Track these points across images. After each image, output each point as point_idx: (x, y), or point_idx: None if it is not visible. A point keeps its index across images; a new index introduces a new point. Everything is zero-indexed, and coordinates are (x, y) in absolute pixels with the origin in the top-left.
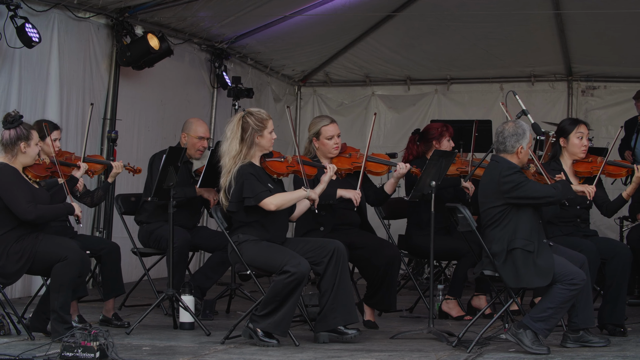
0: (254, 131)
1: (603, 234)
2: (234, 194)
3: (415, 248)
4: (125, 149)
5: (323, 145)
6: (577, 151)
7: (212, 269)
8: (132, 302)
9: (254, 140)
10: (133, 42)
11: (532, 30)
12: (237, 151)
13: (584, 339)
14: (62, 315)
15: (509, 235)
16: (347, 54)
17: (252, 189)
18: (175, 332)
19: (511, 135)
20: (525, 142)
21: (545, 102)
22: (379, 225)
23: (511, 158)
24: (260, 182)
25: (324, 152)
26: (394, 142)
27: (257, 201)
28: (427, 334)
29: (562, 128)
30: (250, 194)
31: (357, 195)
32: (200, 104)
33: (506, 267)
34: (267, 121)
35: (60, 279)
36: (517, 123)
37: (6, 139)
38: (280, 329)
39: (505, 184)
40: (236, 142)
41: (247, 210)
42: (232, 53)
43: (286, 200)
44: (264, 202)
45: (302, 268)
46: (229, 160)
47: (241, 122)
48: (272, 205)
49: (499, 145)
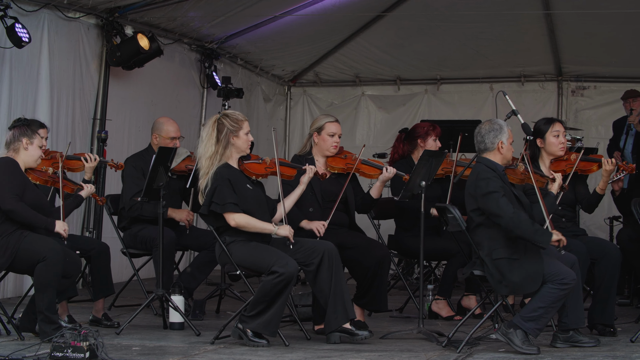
0: (229, 132)
1: (593, 234)
2: (207, 196)
3: (404, 248)
4: (115, 149)
5: (323, 140)
6: (555, 149)
7: (198, 268)
8: (122, 302)
9: (229, 141)
10: (123, 42)
11: (522, 30)
12: (213, 152)
13: (574, 339)
14: (48, 316)
15: (491, 243)
16: (337, 54)
17: (222, 196)
18: (165, 332)
19: (488, 132)
20: (505, 137)
21: (535, 102)
22: (368, 226)
23: (494, 156)
24: (233, 192)
25: (322, 149)
26: (384, 142)
27: (222, 210)
28: (417, 334)
29: (537, 128)
30: (218, 201)
31: (320, 226)
32: (191, 104)
33: (494, 276)
34: (242, 122)
35: (41, 280)
36: (492, 120)
37: (9, 137)
38: (269, 329)
39: (478, 188)
40: (211, 143)
41: (215, 214)
42: (222, 53)
43: (251, 226)
44: (228, 214)
45: (290, 268)
46: (206, 162)
47: (216, 124)
48: (233, 221)
49: (479, 145)
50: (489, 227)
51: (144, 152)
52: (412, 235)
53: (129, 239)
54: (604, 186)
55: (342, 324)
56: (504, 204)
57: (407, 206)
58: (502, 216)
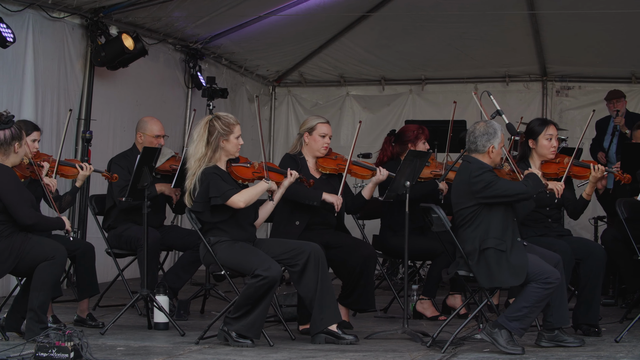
0: (219, 135)
1: (577, 234)
2: (199, 195)
3: (389, 248)
4: (100, 149)
5: (314, 141)
6: (546, 152)
7: (183, 268)
8: (107, 302)
9: (219, 144)
10: (108, 42)
11: (507, 30)
12: (203, 154)
13: (559, 338)
14: (39, 315)
15: (481, 235)
16: (322, 54)
17: (218, 188)
18: (150, 332)
19: (482, 134)
20: (497, 142)
21: (519, 102)
22: (353, 226)
23: (483, 158)
24: (225, 182)
25: (313, 149)
26: (368, 142)
27: (224, 199)
28: (401, 334)
29: (530, 129)
30: (216, 193)
31: (339, 200)
32: (175, 104)
33: (479, 267)
34: (234, 126)
35: (44, 278)
36: (488, 123)
37: (1, 139)
38: (253, 331)
39: (476, 184)
40: (202, 145)
41: (212, 210)
42: (206, 53)
43: (252, 194)
44: (232, 199)
45: (273, 272)
46: (194, 163)
47: (208, 125)
48: (240, 202)
49: (470, 145)
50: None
51: (129, 151)
52: (398, 234)
53: (114, 239)
54: (591, 192)
55: (327, 326)
56: (509, 183)
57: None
58: (516, 193)
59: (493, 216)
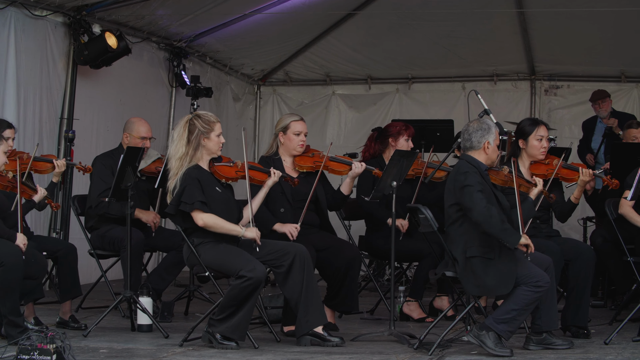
0: (200, 133)
1: (566, 235)
2: (175, 196)
3: (375, 249)
4: (83, 149)
5: (289, 140)
6: (536, 153)
7: (166, 269)
8: (89, 304)
9: (200, 143)
10: (90, 40)
11: (495, 28)
12: (183, 153)
13: (547, 341)
14: (13, 320)
15: (466, 240)
16: (307, 53)
17: (191, 195)
18: (133, 334)
19: (476, 130)
20: (492, 138)
21: (508, 101)
22: (339, 226)
23: (479, 155)
24: (202, 192)
25: (289, 148)
26: (355, 141)
27: (190, 209)
28: (388, 337)
29: (521, 129)
30: (187, 200)
31: (293, 229)
32: (159, 104)
33: (466, 275)
34: (214, 124)
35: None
36: (481, 120)
37: None
38: (237, 333)
39: (456, 182)
40: (182, 144)
41: (183, 214)
42: (190, 52)
43: (219, 227)
44: (195, 213)
45: (258, 273)
46: (176, 162)
47: (188, 124)
48: (201, 221)
49: (465, 143)
50: (466, 224)
51: (115, 151)
52: (384, 235)
53: (97, 240)
54: (579, 195)
55: (313, 328)
56: (478, 198)
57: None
58: (473, 209)
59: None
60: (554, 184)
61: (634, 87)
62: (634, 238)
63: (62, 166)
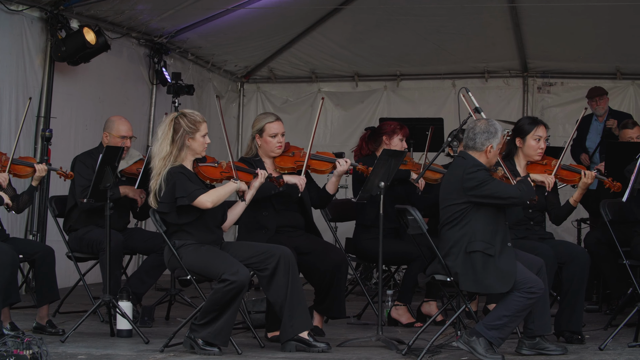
0: (185, 133)
1: (560, 237)
2: (165, 196)
3: (363, 252)
4: (61, 148)
5: (266, 143)
6: (532, 153)
7: (147, 273)
8: (67, 308)
9: (184, 143)
10: (68, 36)
11: (486, 24)
12: (167, 153)
13: (540, 346)
14: None
15: (468, 237)
16: (292, 49)
17: (184, 188)
18: (112, 339)
19: (482, 132)
20: (496, 142)
21: (499, 99)
22: (325, 228)
23: (479, 156)
24: (192, 182)
25: (267, 151)
26: (341, 140)
27: (191, 200)
28: (375, 342)
29: (519, 127)
30: (183, 194)
31: (302, 180)
32: (140, 101)
33: (464, 269)
34: (200, 124)
35: None
36: (490, 121)
37: None
38: (220, 338)
39: (469, 181)
40: (166, 144)
41: (179, 211)
42: (172, 48)
43: (220, 194)
44: (199, 199)
45: (241, 276)
46: (159, 162)
47: (173, 123)
48: (208, 202)
49: (468, 142)
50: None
51: (95, 150)
52: (372, 237)
53: (75, 242)
54: (579, 198)
55: (298, 333)
56: (503, 185)
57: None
58: (509, 196)
59: (481, 217)
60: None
61: (630, 85)
62: (629, 240)
63: (43, 171)
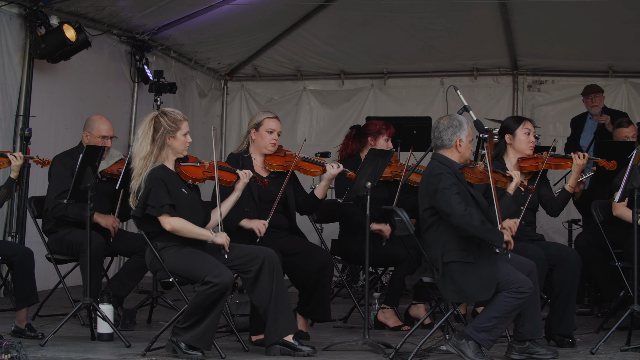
0: (165, 132)
1: (551, 239)
2: (140, 199)
3: (349, 253)
4: (40, 147)
5: (261, 137)
6: (524, 147)
7: (128, 275)
8: (47, 311)
9: (165, 142)
10: (48, 33)
11: (475, 20)
12: (148, 152)
13: (530, 350)
14: None
15: (443, 244)
16: (277, 46)
17: (158, 198)
18: (93, 343)
19: (446, 128)
20: (464, 135)
21: (488, 97)
22: (310, 229)
23: (451, 154)
24: (168, 193)
25: (260, 146)
26: (327, 140)
27: (158, 213)
28: (362, 345)
29: (506, 125)
30: (154, 203)
31: (261, 226)
32: (121, 100)
33: (444, 281)
34: (181, 122)
35: None
36: (452, 116)
37: None
38: (203, 342)
39: (430, 185)
40: (147, 143)
41: (149, 217)
42: (154, 45)
43: (187, 231)
44: (163, 217)
45: (225, 279)
46: (139, 162)
47: (153, 121)
48: (168, 225)
49: (436, 141)
50: (442, 228)
51: (74, 150)
52: (358, 239)
53: (55, 244)
54: (574, 183)
55: (283, 336)
56: (455, 201)
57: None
58: (452, 214)
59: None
60: (541, 180)
61: (622, 83)
62: (621, 241)
63: (20, 159)
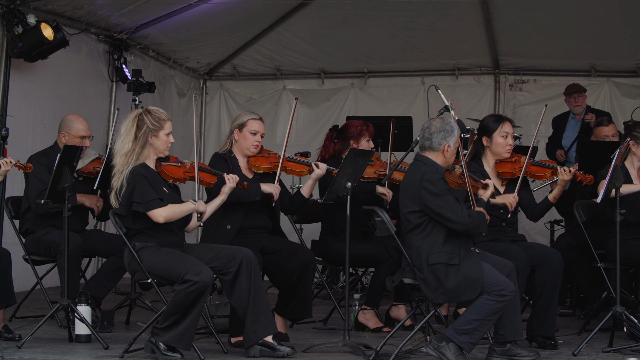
0: (148, 130)
1: (532, 239)
2: (124, 197)
3: (329, 254)
4: (18, 147)
5: (244, 138)
6: (501, 151)
7: (106, 276)
8: (24, 313)
9: (147, 140)
10: (25, 32)
11: (456, 19)
12: (130, 149)
13: (512, 352)
14: None
15: (429, 246)
16: (257, 45)
17: (142, 194)
18: (71, 345)
19: (438, 131)
20: (453, 141)
21: (470, 97)
22: (290, 230)
23: (436, 157)
24: (152, 188)
25: (243, 147)
26: (307, 140)
27: (145, 209)
28: (342, 347)
29: (485, 126)
30: (139, 200)
31: (276, 190)
32: (99, 99)
33: (428, 282)
34: (164, 122)
35: None
36: (445, 120)
37: None
38: (183, 342)
39: (423, 190)
40: (129, 140)
41: (134, 215)
42: (132, 44)
43: (176, 212)
44: (153, 212)
45: (204, 277)
46: (121, 159)
47: (137, 119)
48: (161, 217)
49: (424, 142)
50: (430, 230)
51: (50, 149)
52: (339, 239)
53: (32, 245)
54: (558, 195)
55: (262, 337)
56: (457, 208)
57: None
58: (458, 222)
59: (443, 227)
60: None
61: (605, 82)
62: (603, 242)
63: (10, 164)
